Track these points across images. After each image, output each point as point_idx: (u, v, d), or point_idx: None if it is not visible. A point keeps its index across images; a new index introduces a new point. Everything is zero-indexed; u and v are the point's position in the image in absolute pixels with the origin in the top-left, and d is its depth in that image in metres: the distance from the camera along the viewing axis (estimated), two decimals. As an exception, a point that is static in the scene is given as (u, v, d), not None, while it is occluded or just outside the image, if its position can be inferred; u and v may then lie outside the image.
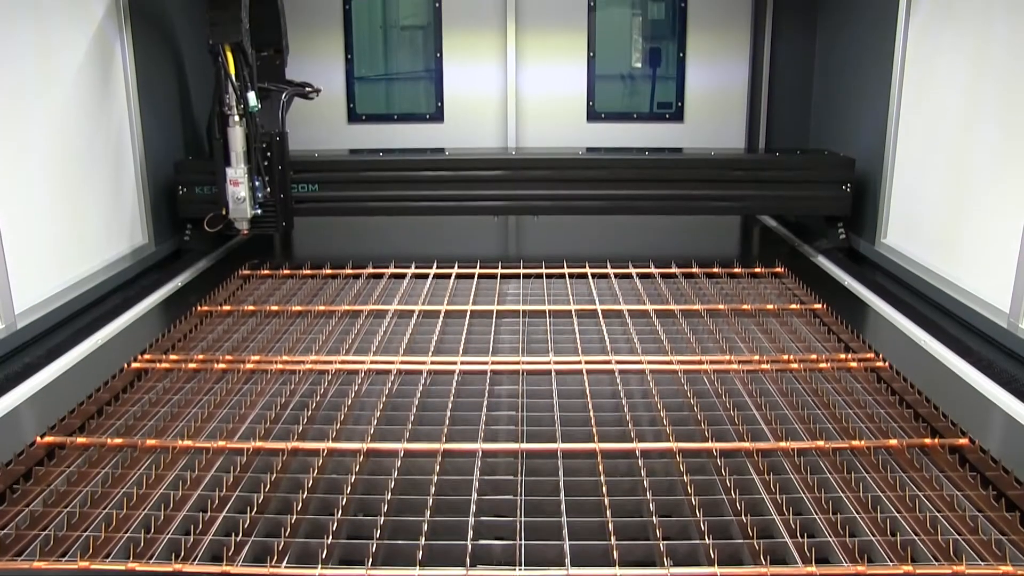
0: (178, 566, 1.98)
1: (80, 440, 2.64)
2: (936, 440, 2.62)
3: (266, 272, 4.59)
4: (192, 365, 3.29)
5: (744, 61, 6.19)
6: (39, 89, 3.86)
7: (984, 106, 3.86)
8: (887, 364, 3.21)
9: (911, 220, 4.54)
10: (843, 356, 3.35)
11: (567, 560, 2.01)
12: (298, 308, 3.98)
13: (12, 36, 3.66)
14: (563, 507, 2.23)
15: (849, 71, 5.39)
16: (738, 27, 6.17)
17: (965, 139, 4.00)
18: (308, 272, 4.57)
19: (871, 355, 3.33)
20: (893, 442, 2.61)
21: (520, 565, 2.01)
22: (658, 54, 6.32)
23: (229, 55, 4.32)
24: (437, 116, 6.33)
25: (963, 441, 2.59)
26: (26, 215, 3.70)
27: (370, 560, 2.00)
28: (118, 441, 2.64)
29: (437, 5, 6.14)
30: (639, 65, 6.35)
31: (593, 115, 6.32)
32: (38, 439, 2.63)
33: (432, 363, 3.30)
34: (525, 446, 2.60)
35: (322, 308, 3.97)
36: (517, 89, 6.26)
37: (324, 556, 2.00)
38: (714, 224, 5.97)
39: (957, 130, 4.07)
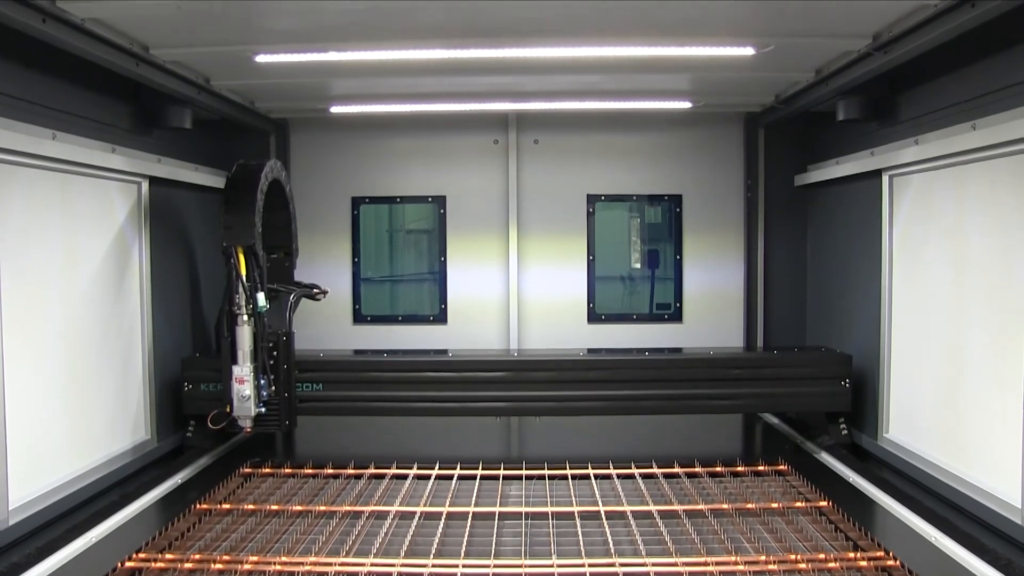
0: None
1: (63, 648, 2.56)
2: (957, 645, 2.53)
3: (267, 470, 4.56)
4: (188, 565, 3.22)
5: (739, 261, 6.39)
6: (59, 284, 4.01)
7: (970, 297, 3.97)
8: (898, 562, 3.14)
9: (912, 414, 4.56)
10: (852, 555, 3.28)
11: None
12: (299, 508, 3.93)
13: (40, 232, 3.84)
14: None
15: (840, 269, 5.56)
16: (732, 229, 6.40)
17: (956, 331, 4.09)
18: (310, 471, 4.53)
19: (881, 553, 3.26)
20: (911, 646, 2.52)
21: None
22: (656, 256, 6.53)
23: (241, 257, 4.49)
24: (440, 318, 6.46)
25: (987, 646, 2.50)
26: (33, 409, 3.74)
27: None
28: (103, 648, 2.56)
29: (442, 211, 6.40)
30: (638, 267, 6.55)
31: (594, 316, 6.45)
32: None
33: (433, 566, 3.23)
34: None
35: (323, 508, 3.93)
36: (519, 292, 6.41)
37: None
38: (716, 422, 5.96)
39: (947, 322, 4.17)
